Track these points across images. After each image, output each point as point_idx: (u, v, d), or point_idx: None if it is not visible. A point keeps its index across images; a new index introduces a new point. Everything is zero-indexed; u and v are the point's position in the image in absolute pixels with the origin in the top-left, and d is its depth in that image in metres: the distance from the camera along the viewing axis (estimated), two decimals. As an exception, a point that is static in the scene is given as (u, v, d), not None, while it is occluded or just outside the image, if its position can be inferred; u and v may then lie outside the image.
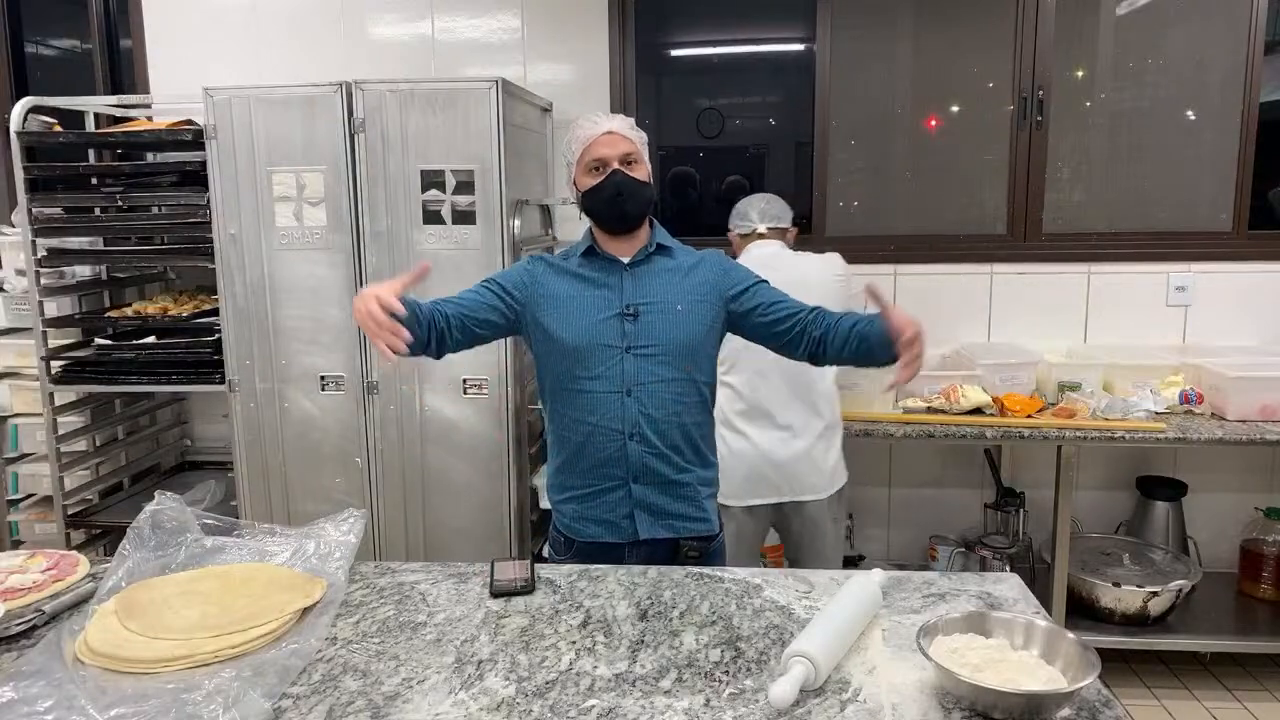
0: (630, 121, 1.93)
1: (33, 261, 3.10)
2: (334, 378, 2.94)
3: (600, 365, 1.87)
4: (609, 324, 1.88)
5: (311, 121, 2.81)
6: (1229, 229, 3.41)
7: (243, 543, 1.74)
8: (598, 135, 1.88)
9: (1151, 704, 2.95)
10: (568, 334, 1.89)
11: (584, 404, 1.89)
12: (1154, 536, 3.32)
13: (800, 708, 1.24)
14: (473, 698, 1.28)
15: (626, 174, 1.88)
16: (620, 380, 1.87)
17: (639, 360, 1.87)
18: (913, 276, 3.50)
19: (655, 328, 1.88)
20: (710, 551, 1.98)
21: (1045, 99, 3.40)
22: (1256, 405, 2.92)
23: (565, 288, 1.93)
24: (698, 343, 1.92)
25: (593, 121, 1.91)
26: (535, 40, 3.50)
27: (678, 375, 1.89)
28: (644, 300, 1.90)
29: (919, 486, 3.60)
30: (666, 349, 1.88)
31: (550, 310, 1.92)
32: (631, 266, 1.93)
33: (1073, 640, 1.29)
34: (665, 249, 1.96)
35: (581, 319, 1.89)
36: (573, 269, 1.95)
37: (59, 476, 3.24)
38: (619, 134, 1.89)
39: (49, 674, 1.31)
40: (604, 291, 1.91)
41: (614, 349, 1.87)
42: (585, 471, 1.92)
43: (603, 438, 1.89)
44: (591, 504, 1.93)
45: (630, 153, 1.89)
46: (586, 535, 1.94)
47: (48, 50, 4.00)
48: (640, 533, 1.91)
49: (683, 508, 1.93)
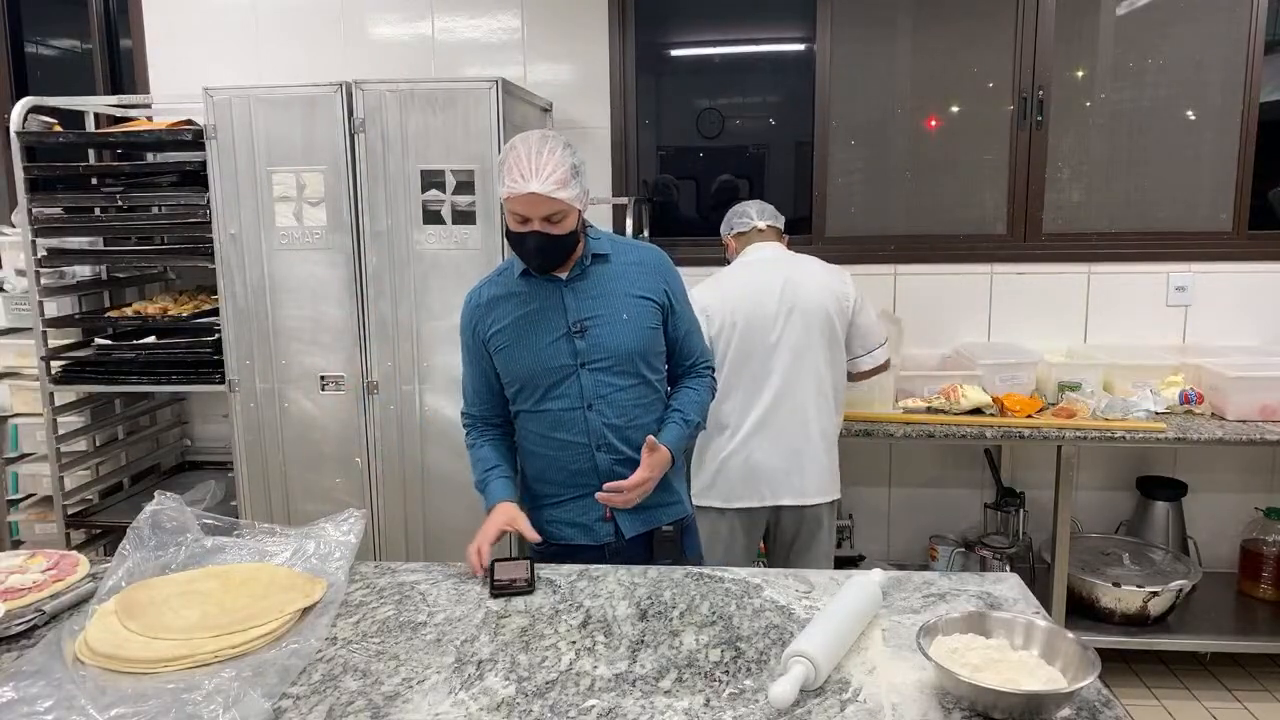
0: (561, 175, 1.75)
1: (33, 261, 3.10)
2: (334, 378, 2.94)
3: (558, 385, 1.89)
4: (559, 345, 1.89)
5: (311, 121, 2.81)
6: (1229, 229, 3.41)
7: (243, 543, 1.74)
8: (520, 194, 1.76)
9: (1151, 704, 2.95)
10: (521, 362, 1.90)
11: (548, 422, 1.92)
12: (1154, 536, 3.32)
13: (800, 708, 1.24)
14: (473, 698, 1.28)
15: (546, 234, 1.80)
16: (579, 396, 1.89)
17: (594, 374, 1.89)
18: (913, 276, 3.50)
19: (605, 340, 1.89)
20: (686, 526, 2.03)
21: (1045, 99, 3.40)
22: (1256, 405, 2.92)
23: (509, 315, 1.92)
24: (648, 345, 1.94)
25: (519, 176, 1.75)
26: (535, 40, 3.50)
27: (634, 381, 1.92)
28: (589, 315, 1.89)
29: (919, 486, 3.60)
30: (619, 358, 1.89)
31: (501, 341, 1.92)
32: (570, 283, 1.91)
33: (1072, 640, 1.29)
34: (601, 256, 1.94)
35: (531, 344, 1.89)
36: (513, 289, 1.93)
37: (59, 476, 3.24)
38: (542, 196, 1.75)
39: (49, 674, 1.31)
40: (548, 313, 1.90)
41: (568, 367, 1.89)
42: (559, 483, 1.96)
43: (572, 452, 1.92)
44: (565, 509, 1.96)
45: (554, 213, 1.78)
46: (561, 538, 1.97)
47: (48, 50, 4.00)
48: (627, 533, 1.94)
49: (657, 498, 1.95)
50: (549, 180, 1.75)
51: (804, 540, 2.56)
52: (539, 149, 1.77)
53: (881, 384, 3.03)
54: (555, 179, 1.75)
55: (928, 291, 3.49)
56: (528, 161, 1.75)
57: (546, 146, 1.78)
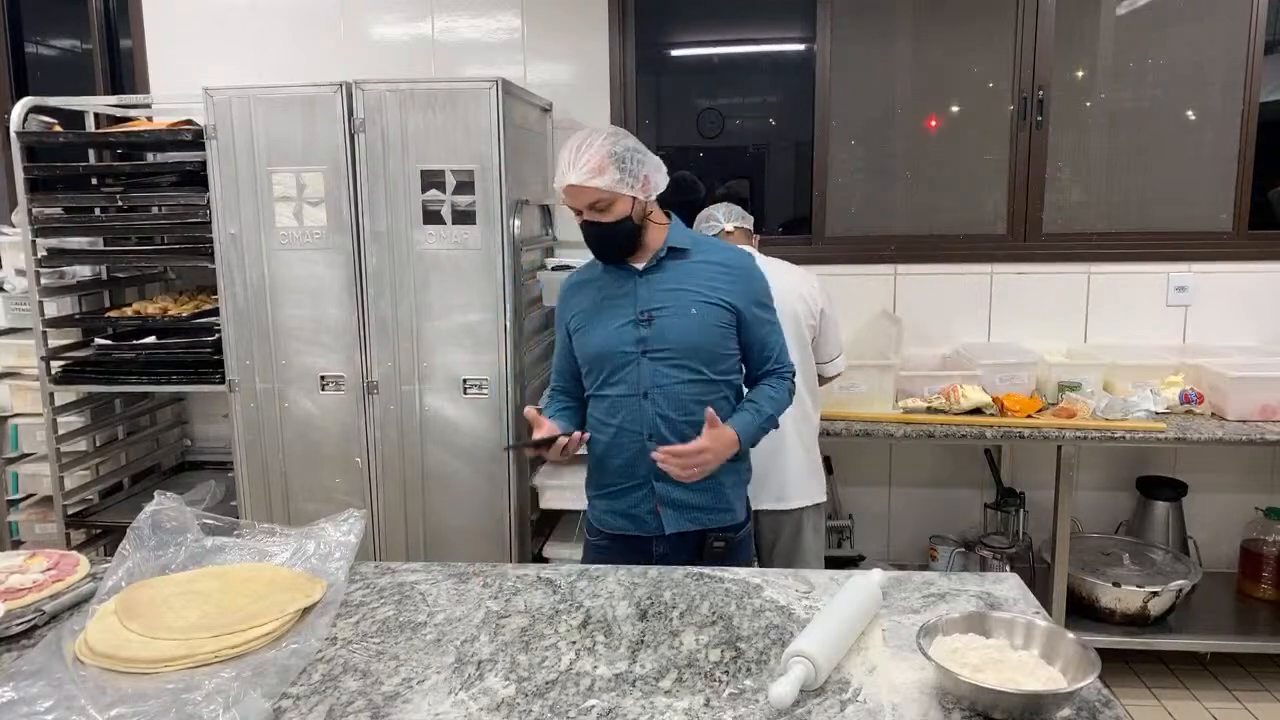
0: (594, 162, 1.86)
1: (33, 261, 3.10)
2: (334, 377, 2.94)
3: (619, 371, 1.95)
4: (624, 330, 1.95)
5: (312, 121, 2.81)
6: (1229, 229, 3.41)
7: (243, 543, 1.74)
8: (564, 186, 1.90)
9: (1151, 704, 2.95)
10: (589, 344, 1.99)
11: (607, 408, 1.99)
12: (1154, 536, 3.32)
13: (800, 708, 1.24)
14: (473, 698, 1.28)
15: (595, 221, 1.92)
16: (638, 384, 1.95)
17: (655, 364, 1.94)
18: (913, 276, 3.50)
19: (669, 332, 1.94)
20: (737, 541, 2.04)
21: (1045, 99, 3.40)
22: (1256, 405, 2.92)
23: (587, 301, 2.03)
24: (712, 343, 1.96)
25: (562, 170, 1.89)
26: (535, 40, 3.50)
27: (694, 376, 1.94)
28: (657, 306, 1.95)
29: (919, 486, 3.60)
30: (681, 351, 1.93)
31: (577, 325, 2.03)
32: (645, 274, 1.98)
33: (1072, 640, 1.29)
34: (679, 251, 1.99)
35: (600, 329, 1.98)
36: (595, 279, 2.04)
37: (59, 476, 3.24)
38: (579, 186, 1.87)
39: (49, 674, 1.31)
40: (620, 300, 1.98)
41: (630, 354, 1.94)
42: (613, 471, 2.01)
43: (625, 439, 1.97)
44: (618, 500, 2.02)
45: (596, 200, 1.89)
46: (613, 528, 2.04)
47: (48, 50, 4.00)
48: (666, 528, 1.98)
49: (706, 500, 1.98)
50: (583, 170, 1.86)
51: (786, 544, 2.53)
52: (579, 143, 1.89)
53: (881, 384, 3.04)
54: (589, 168, 1.86)
55: (928, 291, 3.49)
56: (569, 155, 1.89)
57: (588, 139, 1.89)
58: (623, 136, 1.93)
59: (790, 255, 2.70)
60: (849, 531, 3.49)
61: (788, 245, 3.42)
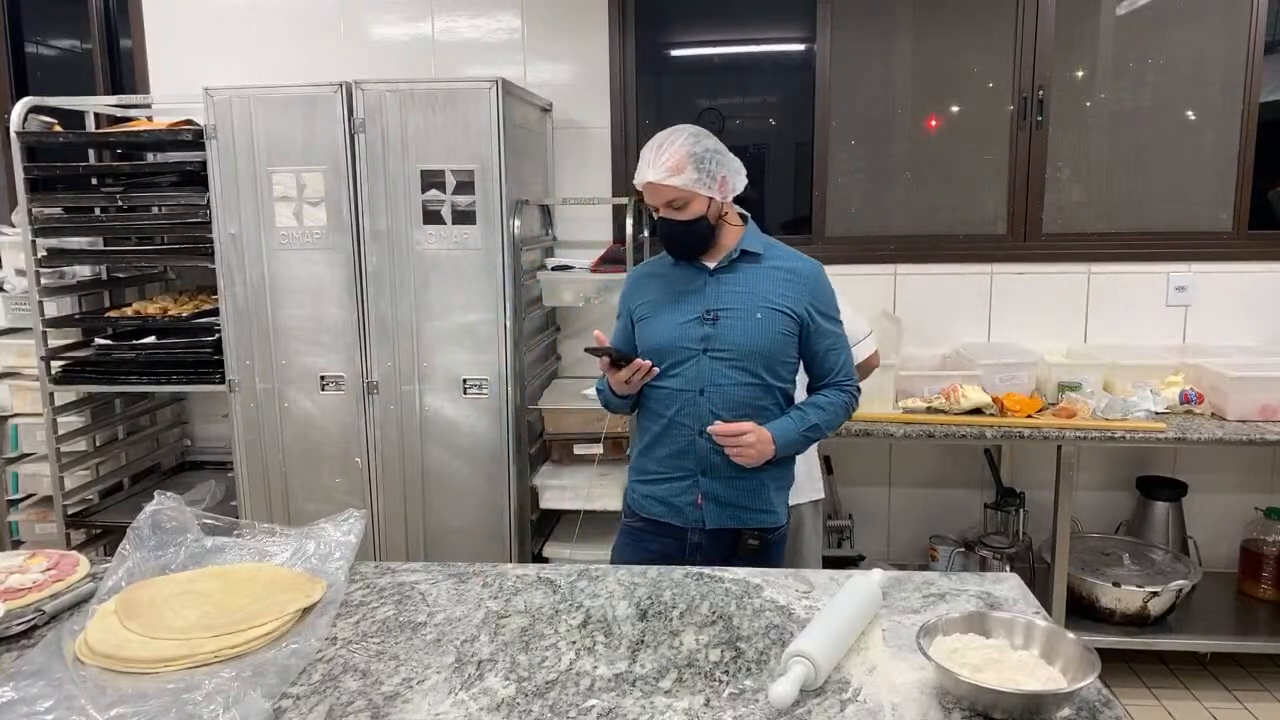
0: (674, 161, 1.90)
1: (33, 261, 3.10)
2: (334, 377, 2.94)
3: (679, 365, 1.97)
4: (689, 327, 1.97)
5: (312, 121, 2.81)
6: (1229, 229, 3.41)
7: (243, 543, 1.74)
8: (642, 184, 1.94)
9: (1151, 704, 2.95)
10: (653, 336, 2.01)
11: (663, 399, 2.00)
12: (1154, 536, 3.32)
13: (800, 707, 1.24)
14: (473, 698, 1.28)
15: (671, 219, 1.95)
16: (696, 380, 1.96)
17: (715, 363, 1.96)
18: (913, 276, 3.50)
19: (732, 333, 1.95)
20: (772, 541, 2.05)
21: (1045, 99, 3.40)
22: (1256, 405, 2.92)
23: (655, 293, 2.06)
24: (774, 349, 1.97)
25: (641, 166, 1.94)
26: (535, 40, 3.50)
27: (751, 379, 1.96)
28: (724, 306, 1.97)
29: (919, 486, 3.60)
30: (741, 353, 1.95)
31: (642, 315, 2.06)
32: (716, 273, 2.00)
33: (1072, 640, 1.29)
34: (752, 255, 2.01)
35: (665, 322, 2.01)
36: (665, 273, 2.07)
37: (59, 476, 3.24)
38: (657, 184, 1.91)
39: (49, 674, 1.31)
40: (689, 296, 2.00)
41: (692, 350, 1.97)
42: (660, 460, 2.03)
43: (676, 432, 1.99)
44: (661, 487, 2.04)
45: (673, 199, 1.92)
46: (651, 514, 2.05)
47: (48, 50, 4.00)
48: (708, 523, 2.00)
49: (747, 499, 2.00)
50: (662, 168, 1.90)
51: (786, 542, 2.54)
52: (661, 141, 1.93)
53: (881, 384, 3.03)
54: (668, 166, 1.90)
55: (928, 291, 3.49)
56: (650, 153, 1.93)
57: (669, 139, 1.93)
58: (704, 137, 1.95)
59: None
60: (849, 531, 3.49)
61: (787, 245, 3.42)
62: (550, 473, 3.12)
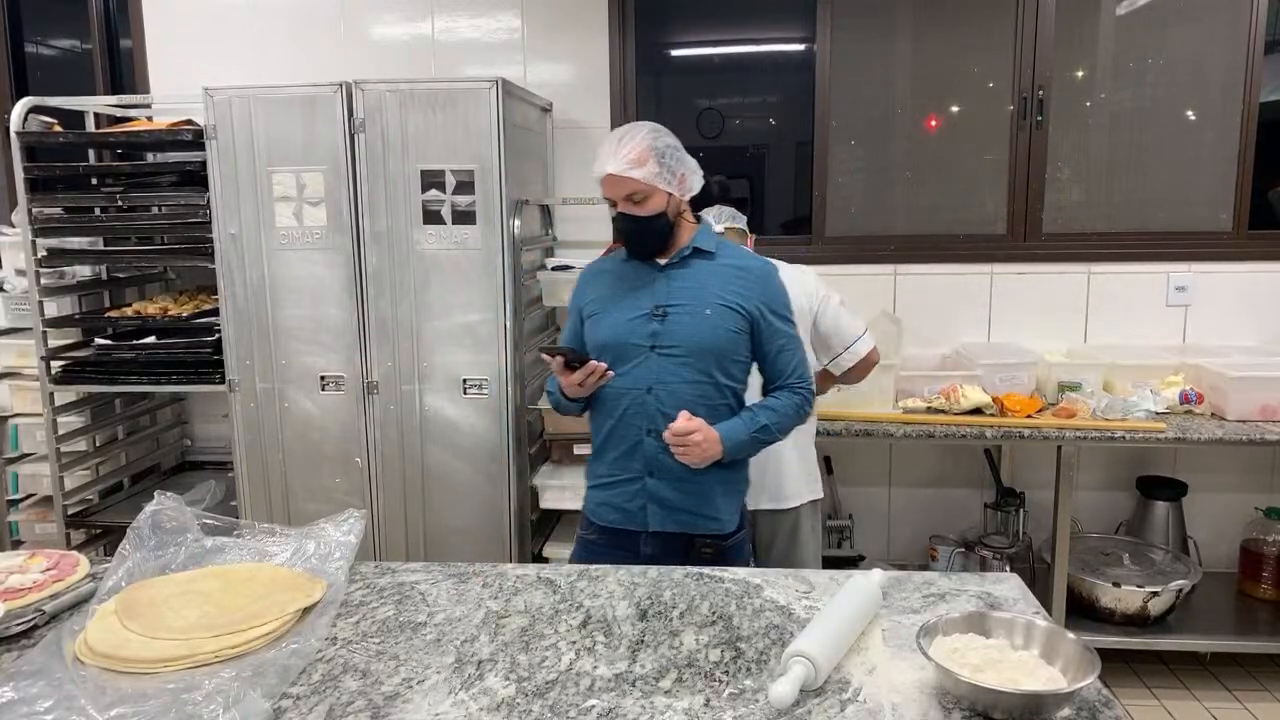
0: (635, 154, 1.88)
1: (33, 261, 3.10)
2: (334, 377, 2.94)
3: (627, 363, 1.95)
4: (638, 323, 1.95)
5: (312, 121, 2.81)
6: (1229, 229, 3.41)
7: (243, 543, 1.74)
8: (602, 175, 1.92)
9: (1151, 704, 2.95)
10: (601, 332, 1.99)
11: (611, 398, 1.98)
12: (1154, 536, 3.32)
13: (800, 708, 1.24)
14: (473, 698, 1.28)
15: (631, 214, 1.93)
16: (644, 378, 1.94)
17: (664, 360, 1.93)
18: (913, 276, 3.50)
19: (681, 329, 1.93)
20: (726, 549, 2.01)
21: (1045, 99, 3.40)
22: (1256, 405, 2.92)
23: (605, 289, 2.04)
24: (724, 346, 1.95)
25: (601, 157, 1.91)
26: (535, 40, 3.50)
27: (701, 377, 1.94)
28: (674, 302, 1.95)
29: (919, 486, 3.60)
30: (690, 350, 1.93)
31: (591, 311, 2.04)
32: (667, 269, 1.99)
33: (1072, 640, 1.29)
34: (704, 252, 2.00)
35: (614, 318, 1.98)
36: (616, 269, 2.06)
37: (59, 476, 3.24)
38: (618, 176, 1.88)
39: (49, 674, 1.31)
40: (639, 292, 1.98)
41: (641, 348, 1.94)
42: (610, 462, 2.02)
43: (624, 431, 1.97)
44: (612, 492, 2.02)
45: (634, 192, 1.90)
46: (605, 520, 2.03)
47: (48, 50, 4.00)
48: (652, 525, 1.98)
49: (694, 504, 1.97)
50: (624, 160, 1.88)
51: (783, 543, 2.53)
52: (622, 135, 1.92)
53: (881, 384, 3.03)
54: (630, 159, 1.88)
55: (928, 291, 3.49)
56: (611, 146, 1.90)
57: (629, 133, 1.92)
58: (664, 134, 1.95)
59: (790, 255, 2.69)
60: (849, 531, 3.50)
61: (788, 245, 3.43)
62: (550, 473, 3.12)
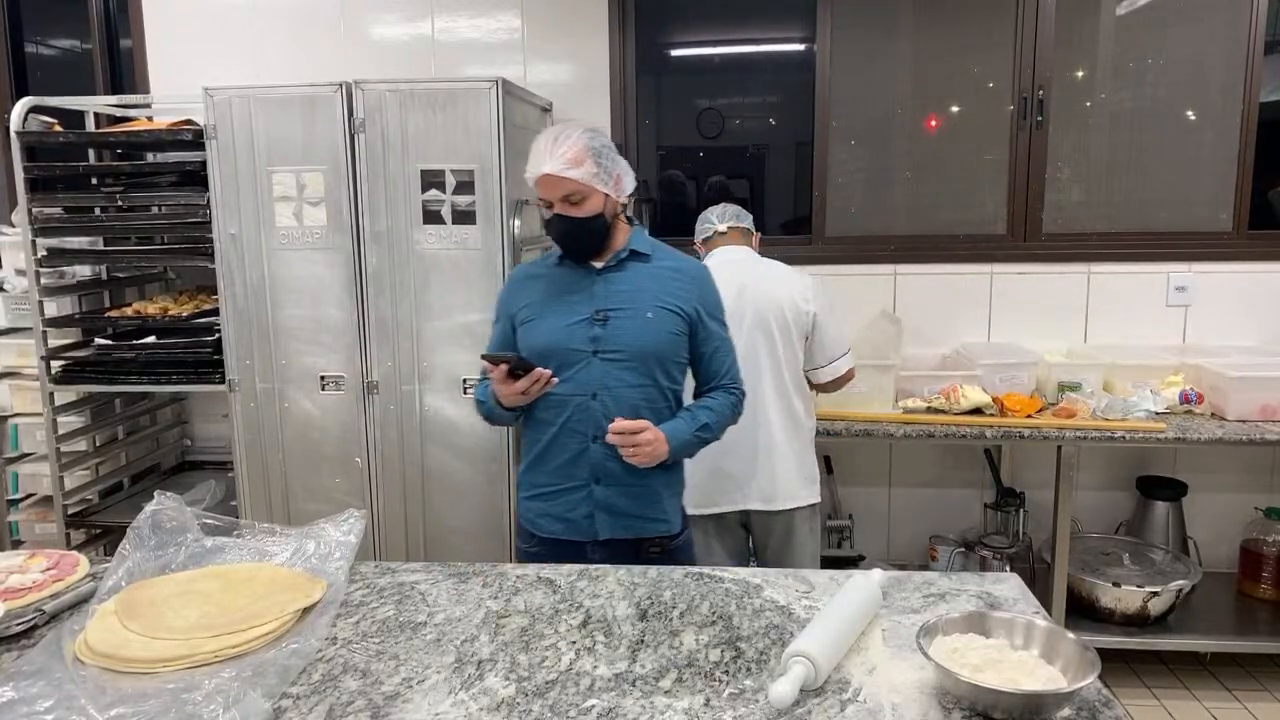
0: (573, 154, 1.85)
1: (33, 261, 3.09)
2: (334, 377, 2.94)
3: (569, 369, 1.91)
4: (578, 328, 1.92)
5: (311, 121, 2.81)
6: (1229, 229, 3.41)
7: (243, 543, 1.74)
8: (538, 176, 1.87)
9: (1151, 704, 2.95)
10: (539, 338, 1.94)
11: (553, 406, 1.94)
12: (1154, 536, 3.32)
13: (800, 708, 1.24)
14: (473, 698, 1.28)
15: (568, 215, 1.89)
16: (587, 384, 1.91)
17: (606, 365, 1.91)
18: (913, 276, 3.50)
19: (624, 333, 1.91)
20: (674, 549, 2.01)
21: (1045, 99, 3.40)
22: (1256, 405, 2.92)
23: (539, 294, 1.99)
24: (666, 349, 1.94)
25: (537, 159, 1.87)
26: (535, 40, 3.50)
27: (645, 381, 1.93)
28: (614, 306, 1.93)
29: (919, 486, 3.60)
30: (634, 354, 1.91)
31: (526, 317, 1.98)
32: (604, 272, 1.96)
33: (1072, 640, 1.29)
34: (640, 255, 1.98)
35: (552, 324, 1.94)
36: (549, 273, 2.00)
37: (59, 476, 3.24)
38: (556, 176, 1.85)
39: (49, 674, 1.31)
40: (576, 297, 1.95)
41: (582, 353, 1.91)
42: (551, 471, 1.97)
43: (567, 439, 1.94)
44: (554, 502, 1.98)
45: (571, 192, 1.87)
46: (547, 531, 1.99)
47: (48, 50, 4.00)
48: (600, 533, 1.96)
49: (641, 508, 1.96)
50: (561, 160, 1.84)
51: (778, 545, 2.53)
52: (556, 135, 1.88)
53: (881, 384, 3.04)
54: (567, 159, 1.84)
55: (928, 291, 3.49)
56: (545, 147, 1.87)
57: (564, 133, 1.88)
58: (599, 134, 1.92)
59: (790, 256, 2.70)
60: (849, 531, 3.50)
61: (787, 245, 3.43)
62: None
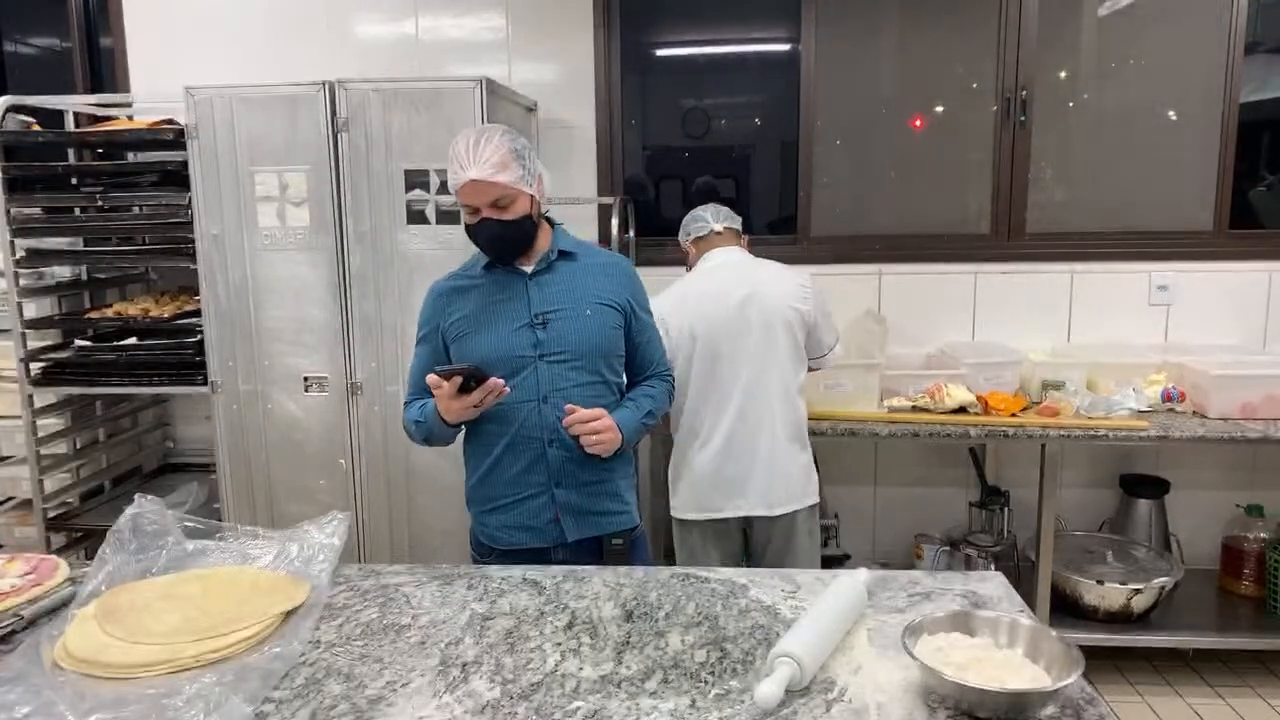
0: (498, 157, 1.81)
1: (11, 262, 3.06)
2: (317, 379, 2.92)
3: (515, 376, 1.89)
4: (519, 334, 1.91)
5: (294, 121, 2.79)
6: (1210, 228, 3.43)
7: (225, 546, 1.72)
8: (462, 183, 1.83)
9: (1135, 700, 2.97)
10: (478, 349, 1.91)
11: (501, 416, 1.91)
12: (1137, 534, 3.34)
13: (786, 708, 1.24)
14: (457, 700, 1.28)
15: (495, 219, 1.86)
16: (535, 389, 1.90)
17: (552, 367, 1.90)
18: (897, 276, 3.51)
19: (566, 334, 1.91)
20: (635, 540, 2.03)
21: (1029, 99, 3.41)
22: (1237, 403, 2.94)
23: (472, 306, 1.95)
24: (608, 344, 1.96)
25: (459, 167, 1.82)
26: (520, 40, 3.49)
27: (592, 378, 1.93)
28: (552, 308, 1.92)
29: (904, 485, 3.61)
30: (579, 353, 1.91)
31: (461, 331, 1.95)
32: (535, 276, 1.95)
33: (1056, 638, 1.30)
34: (567, 254, 1.98)
35: (491, 334, 1.92)
36: (475, 284, 1.97)
37: (39, 479, 3.21)
38: (483, 181, 1.81)
39: (27, 680, 1.30)
40: (511, 303, 1.93)
41: (527, 359, 1.90)
42: (507, 482, 1.95)
43: (521, 447, 1.92)
44: (514, 512, 1.95)
45: (499, 197, 1.83)
46: (510, 543, 1.97)
47: (26, 49, 3.96)
48: (568, 536, 1.95)
49: (605, 504, 1.97)
50: (487, 165, 1.80)
51: (778, 548, 2.52)
52: (476, 139, 1.83)
53: (866, 383, 3.04)
54: (492, 163, 1.81)
55: (912, 291, 3.51)
56: (466, 152, 1.82)
57: (484, 136, 1.84)
58: (517, 134, 1.90)
59: (775, 255, 2.70)
60: (834, 531, 3.50)
61: (773, 245, 3.43)
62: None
